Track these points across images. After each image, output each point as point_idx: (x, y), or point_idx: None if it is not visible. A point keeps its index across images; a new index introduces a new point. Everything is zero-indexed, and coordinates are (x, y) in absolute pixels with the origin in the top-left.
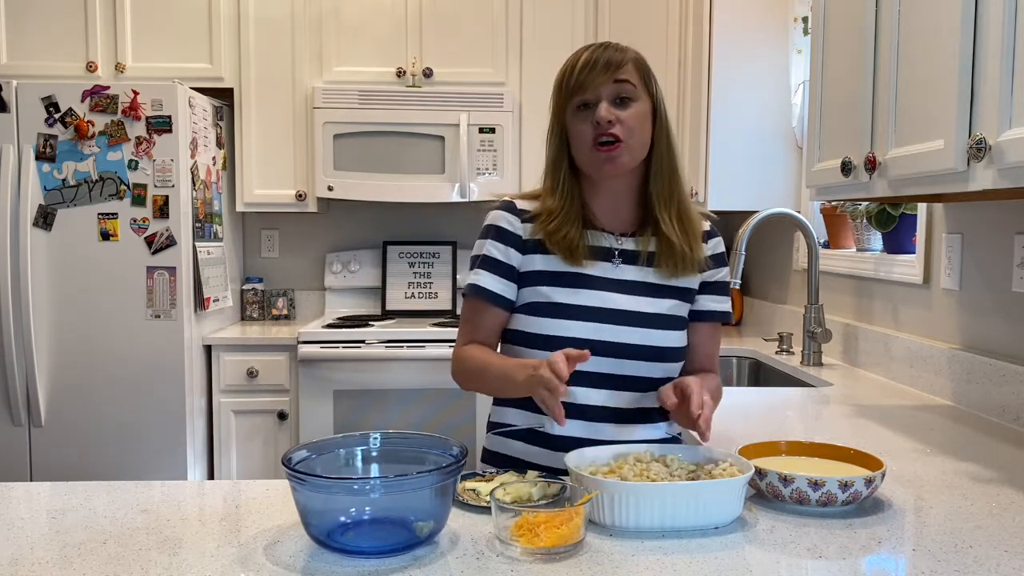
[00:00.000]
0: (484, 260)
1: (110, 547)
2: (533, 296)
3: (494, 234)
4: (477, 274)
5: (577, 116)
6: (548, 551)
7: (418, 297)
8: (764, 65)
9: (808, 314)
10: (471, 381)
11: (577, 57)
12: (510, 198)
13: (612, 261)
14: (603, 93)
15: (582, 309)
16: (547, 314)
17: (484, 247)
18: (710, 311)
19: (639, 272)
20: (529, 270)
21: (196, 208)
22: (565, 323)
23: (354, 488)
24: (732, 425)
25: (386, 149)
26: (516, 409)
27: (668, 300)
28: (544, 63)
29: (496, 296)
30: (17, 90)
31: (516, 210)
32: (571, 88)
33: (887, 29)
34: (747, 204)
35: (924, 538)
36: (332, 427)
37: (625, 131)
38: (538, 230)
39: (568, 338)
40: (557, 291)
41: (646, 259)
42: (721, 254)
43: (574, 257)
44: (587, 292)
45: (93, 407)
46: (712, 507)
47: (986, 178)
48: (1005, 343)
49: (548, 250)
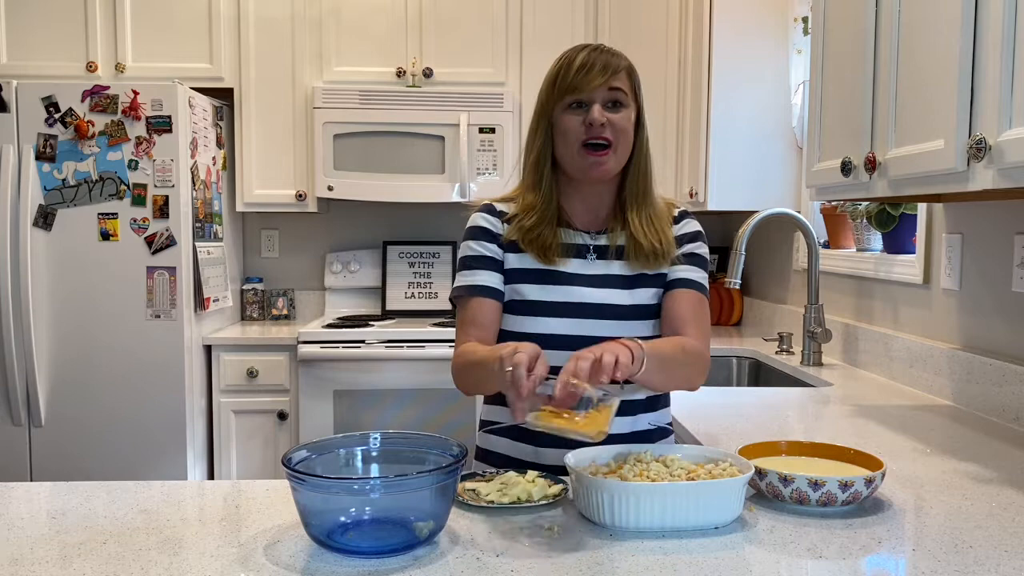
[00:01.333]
0: (467, 260)
1: (110, 547)
2: (510, 294)
3: (476, 234)
4: (462, 275)
5: (567, 113)
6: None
7: (418, 297)
8: (764, 65)
9: (808, 314)
10: (464, 379)
11: (572, 57)
12: (488, 201)
13: (587, 257)
14: (597, 96)
15: (558, 305)
16: (523, 312)
17: (468, 248)
18: (676, 279)
19: (612, 266)
20: (508, 268)
21: (196, 208)
22: (542, 320)
23: (354, 488)
24: (732, 425)
25: (386, 149)
26: (502, 407)
27: (643, 290)
28: (544, 63)
29: (480, 288)
30: (17, 90)
31: (495, 212)
32: (565, 87)
33: (887, 29)
34: (747, 204)
35: (924, 538)
36: (332, 427)
37: (615, 135)
38: (514, 231)
39: (546, 335)
40: (532, 288)
41: (616, 253)
42: (692, 232)
43: (547, 256)
44: (562, 288)
45: (93, 407)
46: (712, 507)
47: (986, 178)
48: (1005, 343)
49: (522, 249)
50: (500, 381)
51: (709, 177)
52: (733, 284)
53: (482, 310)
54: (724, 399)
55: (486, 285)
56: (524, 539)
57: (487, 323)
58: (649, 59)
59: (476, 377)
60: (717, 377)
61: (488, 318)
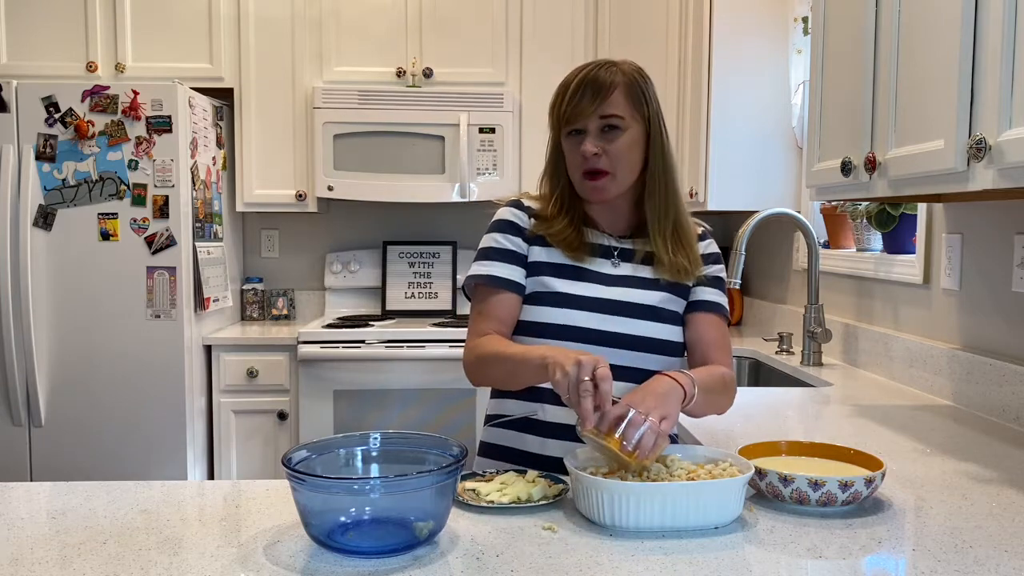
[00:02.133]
0: (489, 251)
1: (110, 547)
2: (536, 286)
3: (500, 227)
4: (482, 264)
5: (568, 140)
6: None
7: (418, 297)
8: (764, 65)
9: (808, 314)
10: (486, 371)
11: (568, 82)
12: (517, 197)
13: (611, 259)
14: (590, 125)
15: (583, 299)
16: (549, 303)
17: (489, 239)
18: (702, 300)
19: (638, 269)
20: (533, 260)
21: (196, 208)
22: (567, 312)
23: (354, 488)
24: (732, 425)
25: (386, 149)
26: (514, 400)
27: (662, 293)
28: (544, 63)
29: (504, 280)
30: (17, 90)
31: (523, 207)
32: (561, 116)
33: (887, 29)
34: (747, 204)
35: (924, 538)
36: (332, 427)
37: (610, 162)
38: (541, 227)
39: (571, 327)
40: (559, 281)
41: (642, 258)
42: (713, 254)
43: (574, 253)
44: (586, 284)
45: (93, 407)
46: (712, 507)
47: (986, 178)
48: (1005, 343)
49: (550, 244)
50: (569, 386)
51: (709, 177)
52: (733, 284)
53: (502, 304)
54: None
55: (508, 278)
56: (524, 539)
57: (505, 317)
58: (649, 59)
59: (507, 371)
60: None
61: (507, 312)
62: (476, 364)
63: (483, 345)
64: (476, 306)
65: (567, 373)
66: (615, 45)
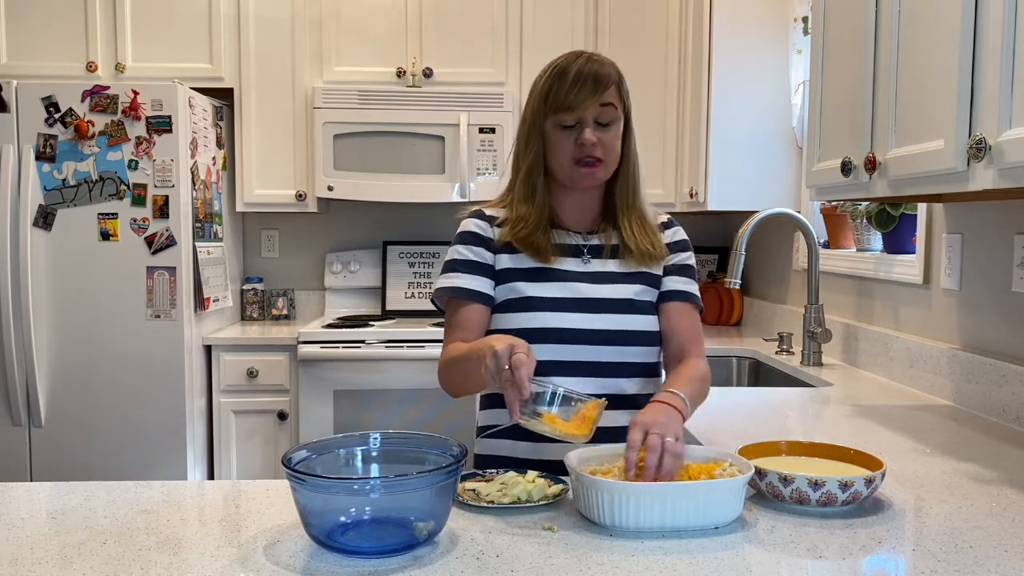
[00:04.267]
0: (454, 263)
1: (110, 547)
2: (509, 293)
3: (464, 239)
4: (448, 277)
5: (559, 130)
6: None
7: (418, 297)
8: (764, 65)
9: (808, 314)
10: (448, 377)
11: (564, 70)
12: (478, 208)
13: (582, 257)
14: (589, 115)
15: (554, 301)
16: (521, 308)
17: (453, 252)
18: (674, 290)
19: (607, 264)
20: (502, 268)
21: (196, 208)
22: (540, 315)
23: (354, 488)
24: (732, 425)
25: (386, 149)
26: (499, 409)
27: (635, 285)
28: (544, 63)
29: (470, 292)
30: (17, 90)
31: (485, 216)
32: (558, 105)
33: (887, 29)
34: (747, 204)
35: (924, 538)
36: (332, 427)
37: (604, 152)
38: (507, 234)
39: (548, 329)
40: (529, 286)
41: (610, 252)
42: (681, 241)
43: (542, 256)
44: (557, 284)
45: (93, 407)
46: (712, 507)
47: (986, 178)
48: (1005, 343)
49: (517, 250)
50: (493, 377)
51: (709, 177)
52: (733, 284)
53: (471, 314)
54: (724, 399)
55: (474, 289)
56: (524, 539)
57: (474, 327)
58: (649, 59)
59: (460, 371)
60: (717, 377)
61: (476, 322)
62: (441, 374)
63: (445, 355)
64: (447, 319)
65: (487, 367)
66: (615, 45)
